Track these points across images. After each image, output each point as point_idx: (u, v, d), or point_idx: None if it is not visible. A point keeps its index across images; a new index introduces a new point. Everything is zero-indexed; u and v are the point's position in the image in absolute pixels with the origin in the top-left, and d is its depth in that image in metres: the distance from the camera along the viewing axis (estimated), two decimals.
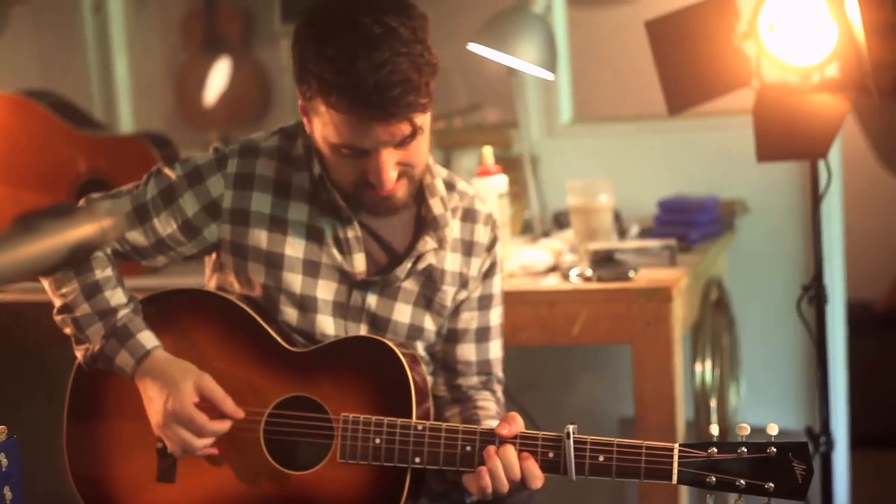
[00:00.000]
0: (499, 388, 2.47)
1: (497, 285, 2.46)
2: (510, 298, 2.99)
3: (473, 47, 3.26)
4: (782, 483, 2.01)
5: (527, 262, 3.18)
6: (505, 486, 2.09)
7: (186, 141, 4.09)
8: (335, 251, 2.28)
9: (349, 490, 2.20)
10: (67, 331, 2.30)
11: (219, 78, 5.15)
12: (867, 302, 5.03)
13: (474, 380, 2.44)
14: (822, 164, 3.22)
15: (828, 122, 3.01)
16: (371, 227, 2.31)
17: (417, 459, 2.15)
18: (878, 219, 5.25)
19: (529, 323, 3.02)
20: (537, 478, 2.09)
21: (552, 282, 3.09)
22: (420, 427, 2.15)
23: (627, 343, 2.97)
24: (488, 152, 3.17)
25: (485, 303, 2.44)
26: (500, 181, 3.16)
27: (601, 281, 3.01)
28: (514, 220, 3.53)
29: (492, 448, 2.10)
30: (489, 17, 3.31)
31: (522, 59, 3.24)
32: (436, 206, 2.32)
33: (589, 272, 3.04)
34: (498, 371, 2.48)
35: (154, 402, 2.20)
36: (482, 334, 2.44)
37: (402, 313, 2.33)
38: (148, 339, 2.24)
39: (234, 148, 2.31)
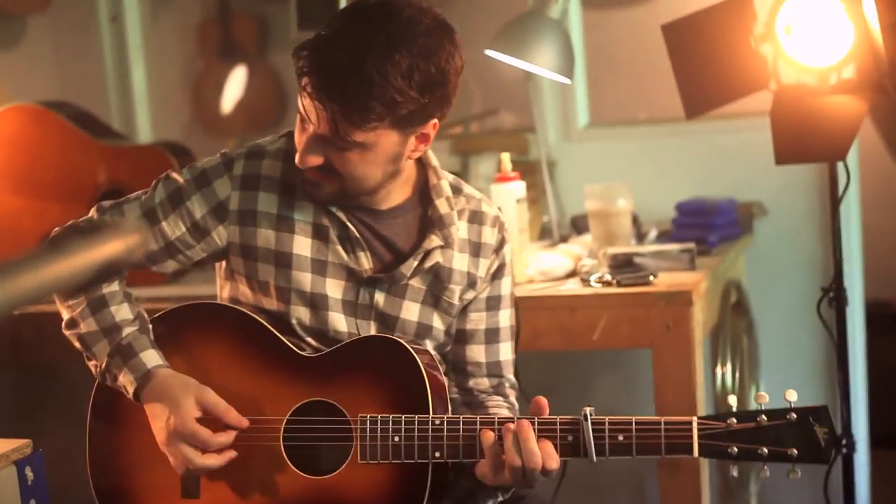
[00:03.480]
0: (512, 394, 2.46)
1: (506, 287, 2.44)
2: (530, 304, 3.00)
3: (491, 53, 3.26)
4: (805, 448, 2.01)
5: (546, 268, 3.18)
6: (516, 461, 2.08)
7: (204, 149, 4.09)
8: (340, 249, 2.29)
9: (373, 490, 2.20)
10: (76, 345, 2.31)
11: (235, 86, 5.16)
12: (886, 302, 5.02)
13: (485, 383, 2.42)
14: (840, 166, 3.22)
15: (846, 123, 3.00)
16: (374, 226, 2.32)
17: (438, 454, 2.15)
18: None
19: (550, 329, 3.03)
20: (553, 459, 2.09)
21: (572, 287, 3.10)
22: (437, 421, 2.16)
23: (648, 347, 2.97)
24: (506, 158, 3.17)
25: (493, 304, 2.43)
26: (518, 186, 3.16)
27: (621, 285, 3.01)
28: (532, 225, 3.53)
29: (508, 424, 2.11)
30: (505, 22, 3.31)
31: (539, 65, 3.24)
32: (441, 206, 2.33)
33: (608, 277, 3.04)
34: (509, 375, 2.46)
35: (157, 420, 2.21)
36: (491, 335, 2.43)
37: (411, 311, 2.33)
38: (151, 357, 2.23)
39: (241, 151, 2.33)
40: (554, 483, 3.60)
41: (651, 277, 3.00)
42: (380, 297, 2.32)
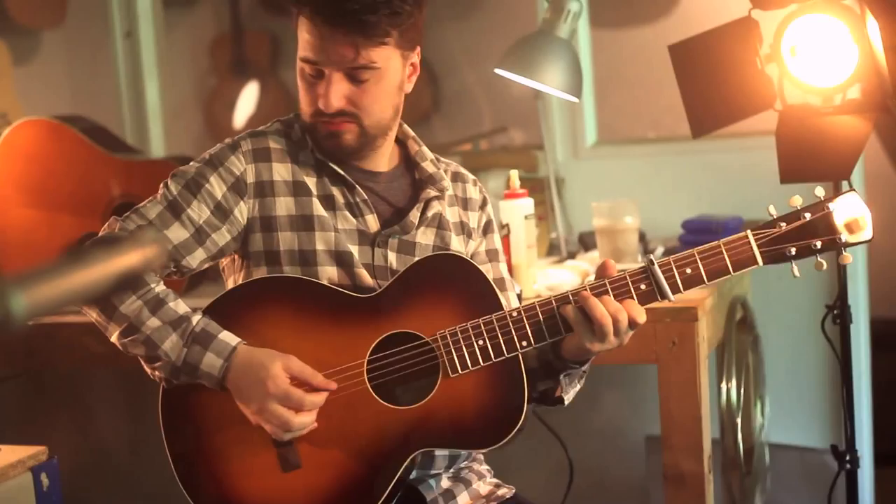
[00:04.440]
0: None
1: (497, 242, 2.54)
2: None
3: (500, 72, 3.30)
4: (850, 230, 2.20)
5: (553, 284, 3.21)
6: (609, 324, 2.16)
7: None
8: (349, 214, 2.35)
9: (473, 399, 2.23)
10: (136, 352, 2.27)
11: (247, 101, 5.21)
12: (891, 320, 5.04)
13: None
14: (844, 185, 3.24)
15: (850, 143, 3.03)
16: (375, 191, 2.40)
17: (525, 343, 2.21)
18: None
19: None
20: (637, 310, 2.18)
21: None
22: (515, 313, 2.22)
23: (653, 363, 2.99)
24: (514, 175, 3.21)
25: (493, 255, 2.52)
26: (527, 203, 3.19)
27: None
28: (540, 242, 3.56)
29: (585, 291, 2.19)
30: (515, 41, 3.35)
31: (548, 83, 3.28)
32: (428, 166, 2.45)
33: None
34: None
35: (247, 391, 2.21)
36: (499, 284, 2.47)
37: None
38: (230, 337, 2.24)
39: (243, 135, 2.40)
40: (560, 496, 3.63)
41: None
42: (392, 257, 2.37)
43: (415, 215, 2.38)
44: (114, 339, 2.29)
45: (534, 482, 3.65)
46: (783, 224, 2.18)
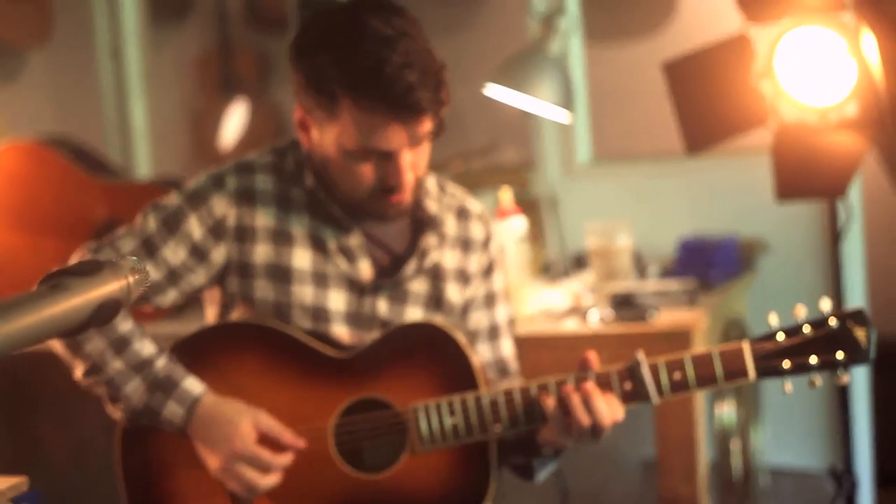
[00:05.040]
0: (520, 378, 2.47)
1: (499, 282, 2.45)
2: (529, 343, 2.98)
3: (491, 89, 3.26)
4: (850, 350, 2.10)
5: (546, 305, 3.17)
6: (586, 421, 2.09)
7: None
8: (340, 260, 2.27)
9: (436, 476, 2.19)
10: (99, 392, 2.22)
11: (235, 120, 5.16)
12: (890, 338, 5.00)
13: (493, 378, 2.43)
14: (841, 202, 3.21)
15: (846, 160, 3.00)
16: (371, 233, 2.31)
17: (497, 427, 2.15)
18: None
19: (549, 367, 2.99)
20: (617, 408, 2.11)
21: (572, 325, 3.08)
22: (492, 395, 2.15)
23: None
24: (506, 194, 3.16)
25: (490, 301, 2.43)
26: (519, 222, 3.15)
27: (621, 323, 3.00)
28: (533, 262, 3.52)
29: (569, 387, 2.12)
30: (505, 59, 3.31)
31: (539, 101, 3.24)
32: (430, 206, 2.35)
33: (609, 314, 3.03)
34: (514, 366, 2.47)
35: (211, 447, 2.16)
36: (493, 333, 2.43)
37: (414, 316, 2.32)
38: (194, 385, 2.19)
39: (229, 168, 2.30)
40: None
41: (651, 316, 2.99)
42: (382, 306, 2.30)
43: (410, 268, 2.31)
44: (78, 376, 2.23)
45: None
46: (781, 337, 2.10)
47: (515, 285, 3.12)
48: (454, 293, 2.36)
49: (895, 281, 5.05)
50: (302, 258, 2.26)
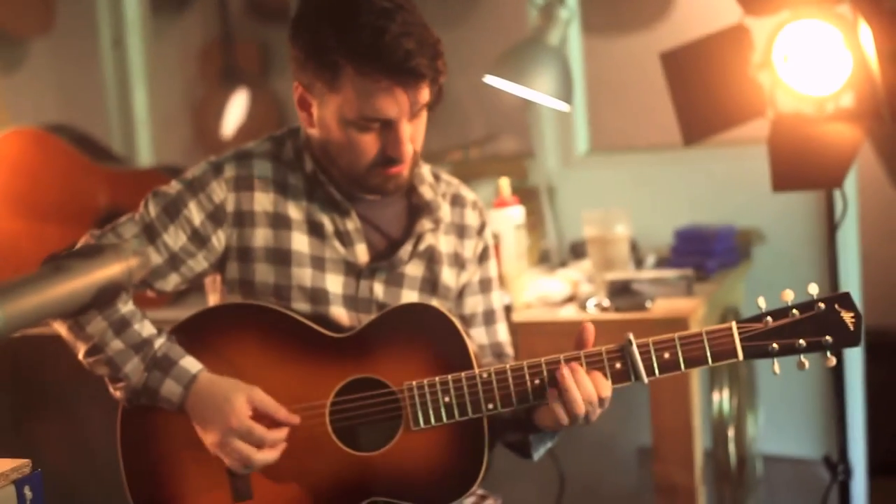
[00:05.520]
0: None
1: (493, 269, 2.51)
2: (527, 329, 3.01)
3: (490, 80, 3.28)
4: (837, 333, 2.15)
5: (544, 293, 3.19)
6: (580, 406, 2.13)
7: None
8: (337, 244, 2.31)
9: (430, 455, 2.21)
10: (101, 371, 2.26)
11: (236, 109, 5.18)
12: (884, 329, 5.02)
13: (489, 362, 2.47)
14: (837, 193, 3.23)
15: (843, 151, 3.02)
16: (368, 217, 2.35)
17: (490, 405, 2.18)
18: None
19: (546, 353, 3.03)
20: (605, 386, 2.15)
21: (569, 312, 3.11)
22: (485, 374, 2.18)
23: None
24: (505, 184, 3.19)
25: (486, 286, 2.48)
26: (517, 212, 3.17)
27: (618, 311, 3.02)
28: (531, 251, 3.54)
29: (560, 368, 2.15)
30: (505, 49, 3.33)
31: (538, 91, 3.26)
32: (426, 192, 2.39)
33: (606, 302, 3.05)
34: (509, 351, 2.52)
35: (208, 423, 2.20)
36: (489, 317, 2.48)
37: (410, 299, 2.36)
38: (191, 363, 2.22)
39: (228, 156, 2.35)
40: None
41: (648, 303, 3.02)
42: (378, 289, 2.34)
43: (406, 251, 2.35)
44: (80, 357, 2.28)
45: (523, 494, 3.63)
46: (769, 319, 2.14)
47: (513, 274, 3.14)
48: (449, 277, 2.41)
49: (889, 271, 5.08)
50: (300, 241, 2.31)
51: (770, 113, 3.12)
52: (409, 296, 2.36)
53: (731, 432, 3.44)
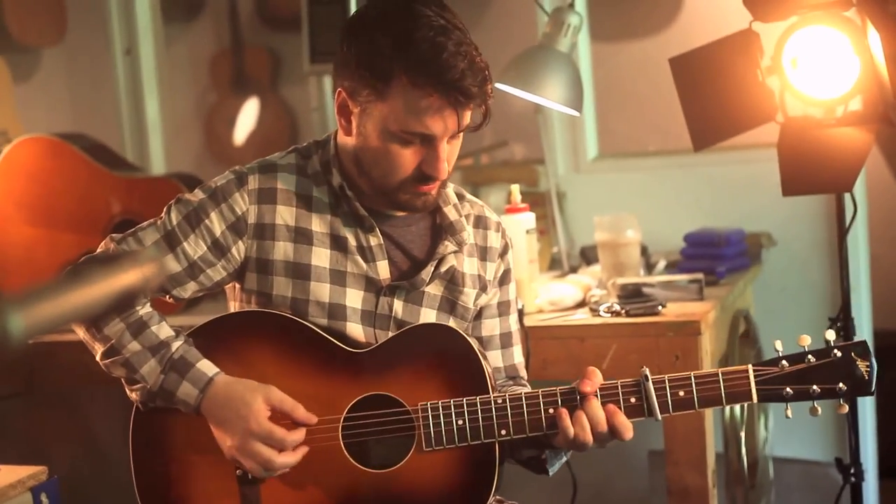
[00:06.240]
0: (527, 385, 2.52)
1: (512, 292, 2.51)
2: (539, 333, 3.02)
3: (500, 86, 3.30)
4: (851, 382, 2.16)
5: (555, 298, 3.21)
6: (590, 440, 2.17)
7: None
8: (360, 259, 2.31)
9: (441, 476, 2.22)
10: (118, 373, 2.28)
11: (247, 117, 5.20)
12: (894, 331, 5.03)
13: (503, 382, 2.49)
14: (847, 197, 3.24)
15: (852, 155, 3.02)
16: (392, 235, 2.36)
17: (503, 432, 2.20)
18: None
19: (559, 358, 3.05)
20: (627, 428, 2.18)
21: (581, 317, 3.12)
22: (500, 400, 2.20)
23: None
24: (516, 189, 3.20)
25: (504, 309, 2.49)
26: (528, 217, 3.18)
27: (630, 315, 3.03)
28: (541, 256, 3.56)
29: (575, 406, 2.18)
30: (515, 55, 3.34)
31: (549, 98, 3.27)
32: (450, 212, 2.39)
33: (618, 307, 3.07)
34: (523, 373, 2.53)
35: (226, 426, 2.21)
36: (506, 340, 2.49)
37: (428, 318, 2.36)
38: (208, 367, 2.24)
39: (252, 166, 2.35)
40: None
41: (660, 308, 3.03)
42: (398, 306, 2.34)
43: (427, 272, 2.35)
44: (97, 357, 2.30)
45: (537, 498, 3.64)
46: (785, 363, 2.16)
47: (525, 280, 3.16)
48: (469, 299, 2.41)
49: None
50: (320, 256, 2.31)
51: (779, 117, 3.13)
52: (428, 314, 2.36)
53: (742, 435, 3.44)
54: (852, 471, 3.28)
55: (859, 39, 2.97)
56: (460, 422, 2.20)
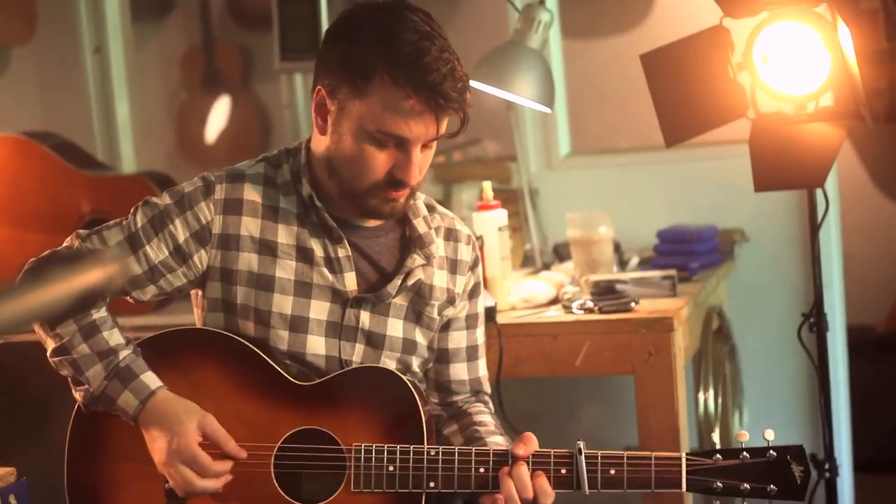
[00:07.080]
0: (489, 401, 2.54)
1: (481, 305, 2.52)
2: (512, 331, 3.01)
3: (472, 83, 3.28)
4: (783, 484, 2.14)
5: (528, 295, 3.20)
6: (516, 501, 2.16)
7: (188, 179, 4.11)
8: (326, 271, 2.31)
9: None
10: (64, 372, 2.29)
11: (219, 115, 5.18)
12: (867, 326, 5.05)
13: (467, 397, 2.50)
14: (819, 192, 3.24)
15: (824, 150, 3.03)
16: (360, 246, 2.35)
17: (432, 484, 2.20)
18: (877, 243, 5.27)
19: (532, 355, 3.04)
20: (548, 495, 2.18)
21: (554, 314, 3.11)
22: (433, 452, 2.20)
23: (630, 374, 2.98)
24: (488, 187, 3.19)
25: (472, 322, 2.50)
26: (500, 214, 3.18)
27: (603, 312, 3.03)
28: (514, 253, 3.55)
29: (505, 469, 2.18)
30: (486, 52, 3.33)
31: (520, 94, 3.26)
32: (419, 225, 2.39)
33: (591, 304, 3.06)
34: (486, 387, 2.54)
35: (158, 441, 2.22)
36: (472, 353, 2.49)
37: (395, 328, 2.36)
38: (152, 379, 2.25)
39: (221, 175, 2.35)
40: None
41: (633, 304, 3.02)
42: (365, 317, 2.34)
43: (394, 285, 2.34)
44: (48, 354, 2.32)
45: None
46: (719, 457, 2.16)
47: (497, 277, 3.15)
48: (434, 310, 2.41)
49: (871, 269, 5.11)
50: (285, 267, 2.31)
51: (751, 113, 3.13)
52: (395, 324, 2.36)
53: (717, 431, 3.44)
54: (826, 466, 3.28)
55: (830, 35, 2.97)
56: (391, 468, 2.21)
